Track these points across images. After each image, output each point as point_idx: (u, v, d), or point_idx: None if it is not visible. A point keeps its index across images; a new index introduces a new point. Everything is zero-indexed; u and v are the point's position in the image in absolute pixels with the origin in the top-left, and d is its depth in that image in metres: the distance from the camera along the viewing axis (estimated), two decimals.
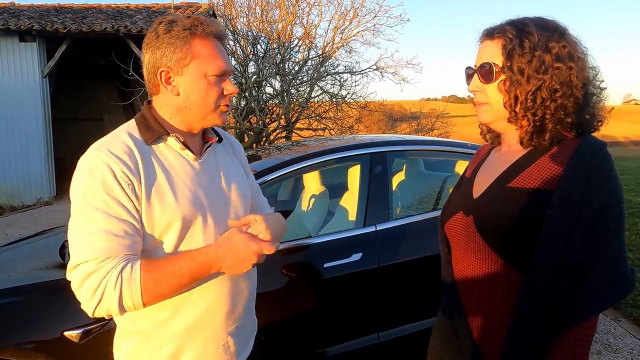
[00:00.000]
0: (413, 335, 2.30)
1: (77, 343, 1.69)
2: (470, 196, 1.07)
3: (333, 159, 2.46)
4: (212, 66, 1.02)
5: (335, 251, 2.20)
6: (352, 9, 11.53)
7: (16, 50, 8.69)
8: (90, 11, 9.95)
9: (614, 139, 43.95)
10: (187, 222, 1.01)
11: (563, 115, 0.94)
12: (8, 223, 7.11)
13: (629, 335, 3.08)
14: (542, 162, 0.95)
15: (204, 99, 1.03)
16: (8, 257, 2.48)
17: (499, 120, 1.01)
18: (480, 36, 1.02)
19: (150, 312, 1.01)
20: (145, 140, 1.03)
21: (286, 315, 2.10)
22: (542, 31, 0.95)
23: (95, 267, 0.91)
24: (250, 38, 9.84)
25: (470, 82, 1.03)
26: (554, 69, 0.93)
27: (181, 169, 1.05)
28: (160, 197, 0.99)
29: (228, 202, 1.11)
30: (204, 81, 1.02)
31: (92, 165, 0.95)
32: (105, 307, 0.92)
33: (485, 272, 0.99)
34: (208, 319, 1.06)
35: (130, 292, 0.92)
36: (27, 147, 8.79)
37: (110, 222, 0.93)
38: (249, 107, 8.72)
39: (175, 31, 1.01)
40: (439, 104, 30.59)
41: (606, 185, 0.89)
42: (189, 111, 1.05)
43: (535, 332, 0.89)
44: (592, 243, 0.87)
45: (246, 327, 1.17)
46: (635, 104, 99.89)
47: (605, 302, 0.89)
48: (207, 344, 1.07)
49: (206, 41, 1.03)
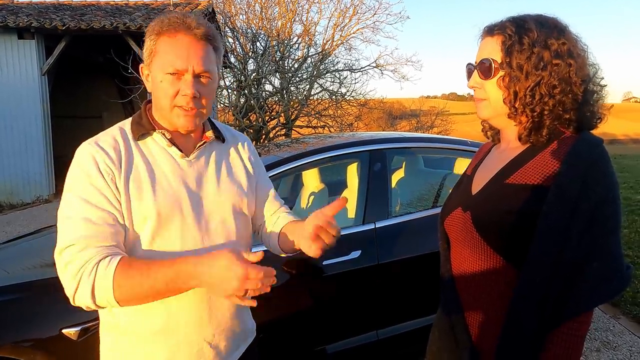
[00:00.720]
0: (412, 333, 2.30)
1: (75, 341, 1.68)
2: (470, 193, 1.08)
3: (332, 157, 2.45)
4: (166, 63, 0.99)
5: (335, 248, 2.18)
6: (352, 6, 11.54)
7: (15, 48, 8.67)
8: (89, 8, 9.92)
9: (613, 137, 43.97)
10: (163, 219, 1.00)
11: (561, 111, 0.95)
12: (7, 221, 7.11)
13: (628, 332, 3.08)
14: (539, 159, 0.96)
15: (161, 97, 1.02)
16: (7, 254, 2.47)
17: (497, 116, 1.02)
18: (481, 33, 1.03)
19: (128, 310, 1.01)
20: (133, 135, 1.04)
21: (285, 312, 2.10)
22: (542, 28, 0.95)
23: (75, 254, 0.92)
24: (249, 35, 9.83)
25: (470, 78, 1.04)
26: (552, 65, 0.94)
27: (165, 165, 1.04)
28: (139, 190, 0.99)
29: (214, 204, 1.08)
30: (159, 78, 1.01)
31: (80, 157, 0.99)
32: (81, 297, 0.92)
33: (482, 268, 1.00)
34: (180, 322, 1.04)
35: (103, 287, 0.91)
36: (26, 145, 8.78)
37: (90, 209, 0.95)
38: (249, 104, 8.71)
39: (150, 27, 1.03)
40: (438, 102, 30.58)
41: (603, 182, 0.89)
42: (158, 108, 1.06)
43: (530, 328, 0.90)
44: (588, 239, 0.87)
45: (232, 334, 1.13)
46: (635, 101, 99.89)
47: (600, 297, 0.89)
48: (180, 348, 1.05)
49: (173, 38, 1.00)
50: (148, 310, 1.02)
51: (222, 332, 1.11)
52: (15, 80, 8.68)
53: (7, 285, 1.86)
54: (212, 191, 1.09)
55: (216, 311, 1.08)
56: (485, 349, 0.99)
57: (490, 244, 0.98)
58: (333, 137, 3.08)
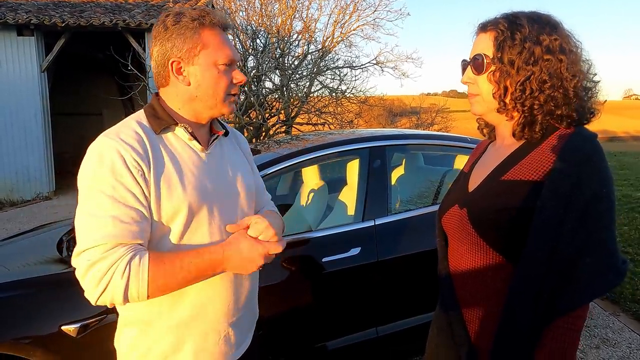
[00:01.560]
0: (412, 330, 2.30)
1: (74, 337, 1.68)
2: (466, 190, 1.09)
3: (332, 153, 2.45)
4: (221, 55, 1.05)
5: (334, 245, 2.20)
6: (352, 3, 11.48)
7: (14, 45, 8.65)
8: (89, 5, 9.89)
9: (614, 134, 43.91)
10: (194, 211, 1.02)
11: (553, 107, 0.95)
12: (7, 218, 7.12)
13: (628, 329, 3.09)
14: (534, 155, 0.96)
15: (214, 88, 1.05)
16: (7, 251, 2.47)
17: (490, 111, 1.03)
18: (475, 29, 1.04)
19: (152, 301, 1.01)
20: (154, 129, 1.04)
21: (285, 309, 2.10)
22: (534, 24, 0.96)
23: (102, 254, 0.91)
24: (249, 32, 9.79)
25: (464, 74, 1.05)
26: (543, 60, 0.95)
27: (189, 158, 1.05)
28: (169, 184, 0.99)
29: (234, 195, 1.13)
30: (215, 70, 1.04)
31: (101, 152, 0.95)
32: (110, 296, 0.92)
33: (478, 264, 1.01)
34: (209, 311, 1.06)
35: (137, 283, 0.92)
36: (26, 142, 8.78)
37: (118, 207, 0.93)
38: (249, 101, 8.69)
39: (184, 22, 1.02)
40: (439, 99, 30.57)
41: (596, 177, 0.90)
42: (200, 100, 1.06)
43: (526, 323, 0.90)
44: (582, 234, 0.88)
45: (247, 320, 1.18)
46: (635, 98, 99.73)
47: (595, 292, 0.90)
48: (208, 336, 1.07)
49: (214, 31, 1.05)
50: (173, 301, 1.03)
51: (241, 318, 1.15)
52: (15, 77, 8.66)
53: (7, 282, 1.86)
54: (230, 182, 1.13)
55: (239, 297, 1.12)
56: (483, 345, 1.00)
57: (487, 240, 0.98)
58: (333, 134, 3.08)
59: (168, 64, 1.03)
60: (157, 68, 1.06)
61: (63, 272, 1.91)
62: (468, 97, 1.07)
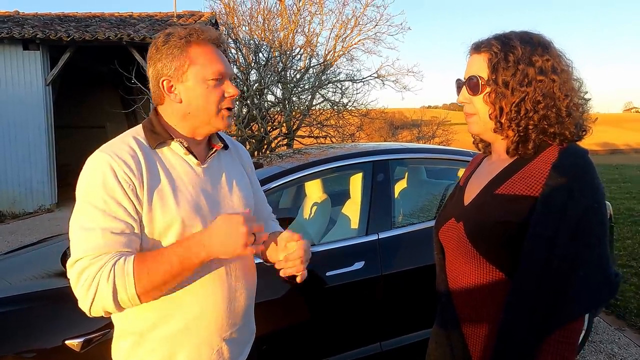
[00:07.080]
0: (416, 345, 2.28)
1: (78, 352, 1.67)
2: (462, 203, 1.10)
3: (335, 167, 2.46)
4: (209, 70, 1.05)
5: (338, 259, 2.19)
6: (354, 18, 11.62)
7: (20, 58, 8.76)
8: (94, 20, 10.03)
9: (615, 147, 43.94)
10: (186, 226, 1.02)
11: (546, 125, 0.98)
12: (10, 230, 7.12)
13: (634, 345, 3.06)
14: (527, 170, 0.98)
15: (204, 104, 1.06)
16: (9, 264, 2.47)
17: (487, 131, 1.05)
18: (469, 49, 1.07)
19: (145, 312, 1.02)
20: (150, 144, 1.05)
21: (288, 324, 2.09)
22: (526, 45, 0.99)
23: (89, 262, 0.93)
24: (252, 46, 9.89)
25: (459, 94, 1.07)
26: (537, 81, 0.97)
27: (184, 173, 1.07)
28: (162, 199, 1.01)
29: (229, 209, 1.13)
30: (204, 85, 1.05)
31: (95, 166, 0.99)
32: (101, 303, 0.93)
33: (475, 278, 1.02)
34: (202, 324, 1.06)
35: (124, 284, 0.93)
36: (30, 155, 8.82)
37: (109, 221, 0.95)
38: (251, 114, 8.74)
39: (172, 41, 1.05)
40: (440, 112, 30.65)
41: (588, 191, 0.92)
42: (193, 116, 1.08)
43: (522, 337, 0.91)
44: (574, 248, 0.89)
45: (242, 335, 1.17)
46: (635, 111, 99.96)
47: (588, 304, 0.91)
48: (201, 349, 1.07)
49: (202, 47, 1.06)
50: (166, 312, 1.03)
51: (236, 332, 1.14)
52: (20, 90, 8.75)
53: (10, 295, 1.86)
54: (226, 196, 1.14)
55: (234, 311, 1.11)
56: (481, 359, 1.00)
57: (483, 254, 1.00)
58: (335, 148, 3.10)
59: (160, 83, 1.06)
60: (152, 87, 1.09)
61: (67, 286, 1.90)
62: (465, 117, 1.09)
